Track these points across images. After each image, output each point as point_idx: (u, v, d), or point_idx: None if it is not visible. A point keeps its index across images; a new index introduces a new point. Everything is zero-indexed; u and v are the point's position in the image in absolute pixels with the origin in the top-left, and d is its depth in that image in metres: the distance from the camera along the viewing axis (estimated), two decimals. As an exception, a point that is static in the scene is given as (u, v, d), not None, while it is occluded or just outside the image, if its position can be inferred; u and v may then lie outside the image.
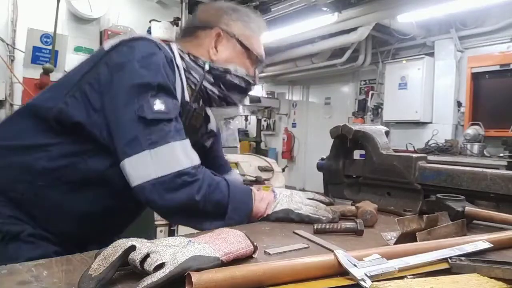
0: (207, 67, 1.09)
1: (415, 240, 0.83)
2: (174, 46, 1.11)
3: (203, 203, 0.92)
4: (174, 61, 1.03)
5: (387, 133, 1.42)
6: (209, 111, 1.15)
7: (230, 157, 2.60)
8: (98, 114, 0.93)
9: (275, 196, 1.05)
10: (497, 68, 5.13)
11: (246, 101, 7.79)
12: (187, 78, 1.08)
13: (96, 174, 0.96)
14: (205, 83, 1.10)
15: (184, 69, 1.08)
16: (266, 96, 9.45)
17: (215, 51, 1.12)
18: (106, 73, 0.94)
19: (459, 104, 5.68)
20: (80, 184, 0.96)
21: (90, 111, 0.93)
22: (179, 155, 0.90)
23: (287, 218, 1.03)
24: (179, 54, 1.09)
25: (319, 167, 1.52)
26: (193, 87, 1.09)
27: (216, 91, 1.12)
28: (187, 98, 1.06)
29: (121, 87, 0.91)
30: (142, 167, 0.87)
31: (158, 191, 0.88)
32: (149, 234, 2.44)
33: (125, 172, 0.90)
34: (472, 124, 5.20)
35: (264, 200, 1.03)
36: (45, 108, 0.95)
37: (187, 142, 0.94)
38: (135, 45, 0.96)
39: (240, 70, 1.13)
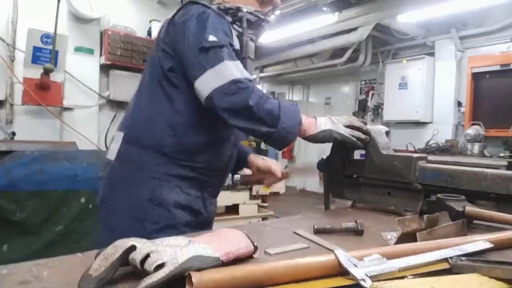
0: (245, 9, 1.32)
1: (416, 240, 0.83)
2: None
3: (256, 109, 1.12)
4: (222, 14, 1.28)
5: (387, 133, 1.42)
6: None
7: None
8: (175, 60, 1.22)
9: (316, 119, 1.25)
10: (498, 68, 5.13)
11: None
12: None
13: (205, 110, 1.19)
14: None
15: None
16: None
17: None
18: (173, 30, 1.23)
19: (459, 104, 5.68)
20: (200, 123, 1.24)
21: (171, 59, 1.22)
22: (232, 69, 1.13)
23: (331, 137, 1.24)
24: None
25: (320, 167, 1.52)
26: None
27: (236, 28, 1.34)
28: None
29: (186, 36, 1.18)
30: (207, 83, 1.13)
31: (220, 96, 1.12)
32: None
33: (198, 92, 1.15)
34: (473, 124, 5.20)
35: (308, 119, 1.24)
36: (155, 70, 1.27)
37: (238, 63, 1.17)
38: (190, 7, 1.24)
39: (249, 7, 1.35)
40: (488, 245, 0.81)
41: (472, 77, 5.40)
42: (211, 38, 1.15)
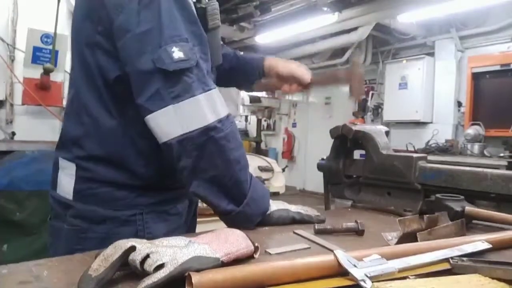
0: None
1: (416, 241, 0.83)
2: None
3: (228, 176, 0.87)
4: None
5: (387, 133, 1.42)
6: None
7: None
8: (120, 64, 0.86)
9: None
10: (498, 68, 5.14)
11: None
12: None
13: None
14: None
15: None
16: (266, 96, 9.46)
17: None
18: (105, 17, 0.84)
19: (459, 104, 5.68)
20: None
21: (117, 64, 0.87)
22: (204, 109, 0.83)
23: (288, 217, 1.01)
24: None
25: (320, 167, 1.52)
26: None
27: None
28: None
29: (128, 35, 0.82)
30: (167, 124, 0.82)
31: (183, 148, 0.83)
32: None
33: (151, 128, 0.85)
34: (473, 124, 5.20)
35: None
36: (92, 75, 0.91)
37: (212, 93, 0.86)
38: None
39: None
40: (486, 246, 0.81)
41: (472, 77, 5.40)
42: (177, 54, 0.80)
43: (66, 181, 0.96)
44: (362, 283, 0.60)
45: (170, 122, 0.82)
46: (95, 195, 0.94)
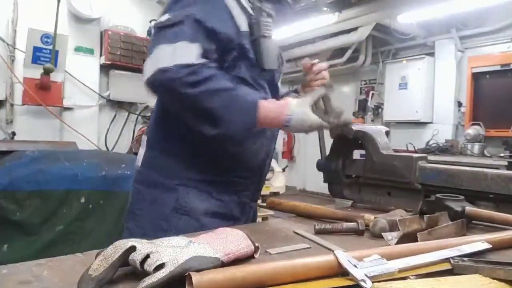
0: None
1: (416, 241, 0.83)
2: None
3: (194, 104, 1.00)
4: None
5: (387, 133, 1.42)
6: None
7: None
8: None
9: (289, 107, 1.04)
10: (498, 68, 5.12)
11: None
12: None
13: None
14: None
15: None
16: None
17: None
18: None
19: (459, 104, 5.67)
20: None
21: None
22: (164, 55, 1.00)
23: (302, 129, 1.06)
24: None
25: (319, 167, 1.52)
26: None
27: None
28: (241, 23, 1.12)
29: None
30: (147, 69, 1.03)
31: (152, 87, 1.04)
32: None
33: None
34: (473, 124, 5.19)
35: (273, 110, 1.04)
36: None
37: (179, 44, 1.00)
38: None
39: None
40: (486, 246, 0.81)
41: (472, 77, 5.39)
42: (163, 18, 1.05)
43: (140, 152, 1.22)
44: (362, 283, 0.60)
45: (147, 67, 1.02)
46: (154, 162, 1.17)
